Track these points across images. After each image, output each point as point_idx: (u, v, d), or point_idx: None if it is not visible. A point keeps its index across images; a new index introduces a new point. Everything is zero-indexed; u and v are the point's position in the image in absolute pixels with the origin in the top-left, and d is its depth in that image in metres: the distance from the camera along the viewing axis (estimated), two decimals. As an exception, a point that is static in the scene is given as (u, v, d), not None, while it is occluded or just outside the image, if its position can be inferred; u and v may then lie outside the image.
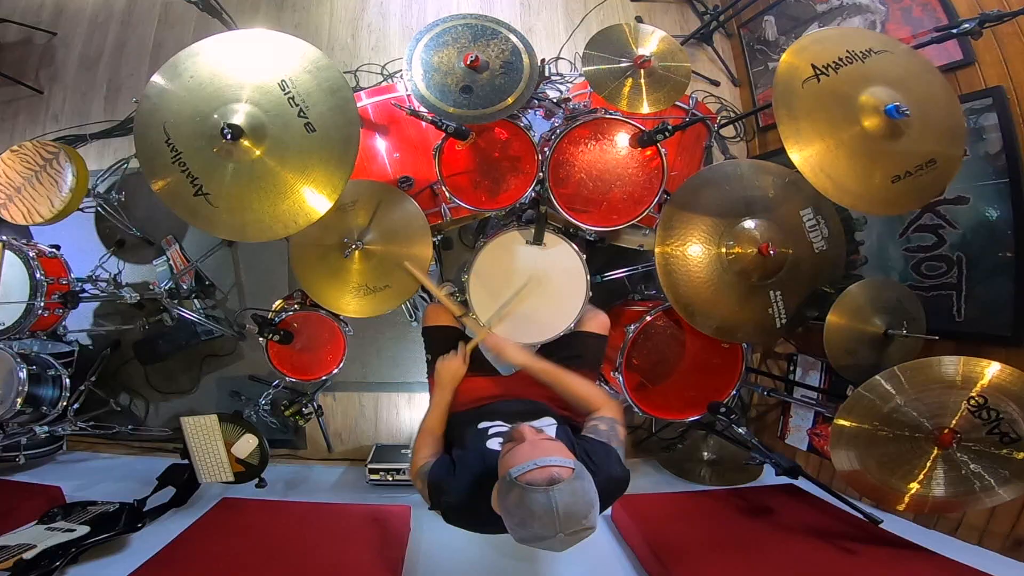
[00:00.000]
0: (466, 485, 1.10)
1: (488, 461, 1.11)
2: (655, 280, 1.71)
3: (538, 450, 0.97)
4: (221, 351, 2.69)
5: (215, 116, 1.34)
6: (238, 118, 1.33)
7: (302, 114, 1.35)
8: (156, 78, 1.36)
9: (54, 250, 2.23)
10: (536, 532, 0.90)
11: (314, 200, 1.36)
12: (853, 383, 1.64)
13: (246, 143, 1.34)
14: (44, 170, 2.09)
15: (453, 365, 1.48)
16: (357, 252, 1.66)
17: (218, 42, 1.38)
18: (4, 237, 2.08)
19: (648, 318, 1.82)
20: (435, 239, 1.76)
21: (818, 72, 1.37)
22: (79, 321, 2.57)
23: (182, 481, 2.12)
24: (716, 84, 2.84)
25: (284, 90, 1.35)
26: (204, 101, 1.35)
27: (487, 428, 1.25)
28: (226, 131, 1.29)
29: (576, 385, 1.36)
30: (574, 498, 0.90)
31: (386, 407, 2.67)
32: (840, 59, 1.38)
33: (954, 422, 1.41)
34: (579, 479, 0.94)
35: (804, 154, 1.34)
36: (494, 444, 1.18)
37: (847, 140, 1.35)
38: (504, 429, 1.22)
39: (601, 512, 1.02)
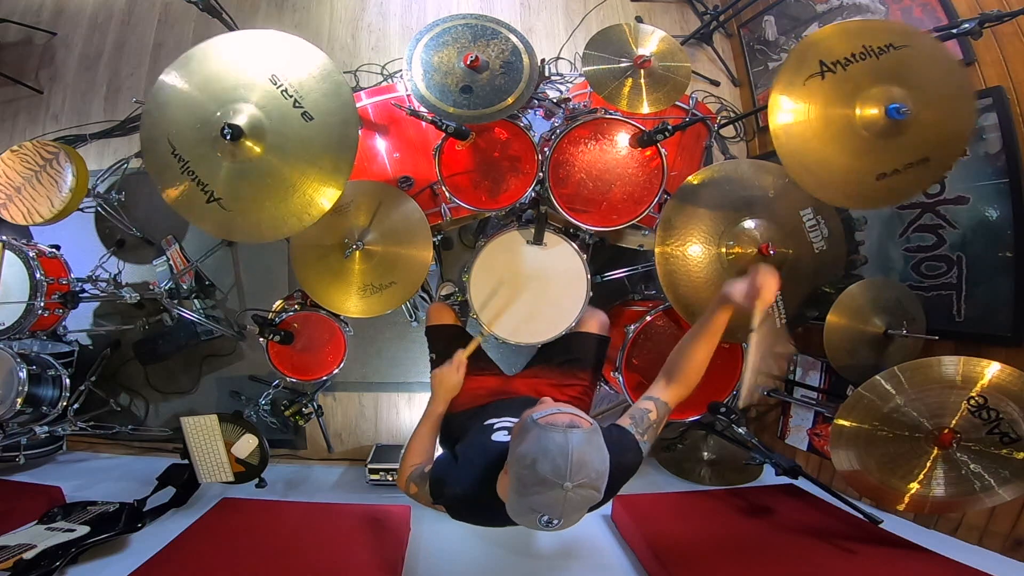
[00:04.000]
0: (470, 476, 1.09)
1: (491, 453, 1.10)
2: (655, 280, 1.71)
3: (562, 405, 1.01)
4: (221, 351, 2.69)
5: (213, 120, 1.34)
6: (236, 118, 1.33)
7: (297, 104, 1.35)
8: (164, 79, 1.36)
9: (54, 250, 2.23)
10: (544, 476, 0.87)
11: (323, 188, 1.37)
12: (853, 383, 1.65)
13: (247, 142, 1.34)
14: (44, 170, 2.09)
15: (446, 374, 1.44)
16: (358, 252, 1.66)
17: (206, 48, 1.38)
18: (4, 237, 2.07)
19: (648, 318, 1.82)
20: (435, 239, 1.76)
21: (824, 69, 1.35)
22: (79, 321, 2.57)
23: (182, 481, 2.12)
24: (716, 84, 2.84)
25: (276, 84, 1.35)
26: (201, 108, 1.36)
27: (493, 423, 1.24)
28: (226, 132, 1.29)
29: (702, 353, 1.22)
30: (589, 447, 0.91)
31: (386, 407, 2.67)
32: (853, 55, 1.35)
33: (954, 422, 1.41)
34: (596, 434, 0.94)
35: (786, 133, 1.34)
36: (499, 436, 1.18)
37: (836, 132, 1.35)
38: (511, 423, 1.22)
39: (611, 498, 1.02)
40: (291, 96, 1.35)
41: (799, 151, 1.36)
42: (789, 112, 1.35)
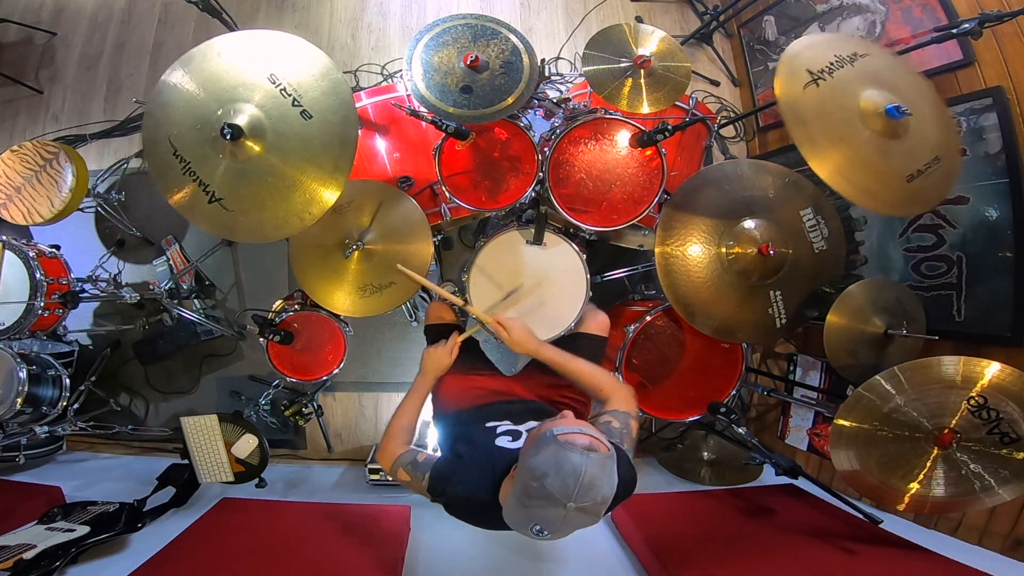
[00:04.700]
0: (475, 479, 1.10)
1: (496, 457, 1.11)
2: (655, 280, 1.71)
3: (584, 425, 1.00)
4: (221, 351, 2.69)
5: (213, 120, 1.34)
6: (235, 117, 1.33)
7: (296, 103, 1.35)
8: (165, 79, 1.37)
9: (54, 250, 2.23)
10: (550, 492, 0.88)
11: (323, 187, 1.36)
12: (853, 383, 1.64)
13: (247, 141, 1.34)
14: (44, 170, 2.09)
15: (438, 353, 1.48)
16: (357, 252, 1.66)
17: (205, 50, 1.38)
18: (4, 237, 2.07)
19: (648, 318, 1.82)
20: (435, 239, 1.76)
21: (815, 77, 1.36)
22: (79, 321, 2.56)
23: (182, 481, 2.12)
24: (716, 84, 2.84)
25: (274, 83, 1.35)
26: (202, 108, 1.36)
27: (495, 427, 1.25)
28: (225, 131, 1.29)
29: (586, 372, 1.34)
30: (602, 472, 0.91)
31: (386, 407, 2.67)
32: (831, 63, 1.38)
33: (954, 422, 1.41)
34: (612, 460, 0.95)
35: (825, 163, 1.33)
36: (503, 442, 1.18)
37: (859, 143, 1.35)
38: (513, 428, 1.23)
39: (607, 513, 1.02)
40: (290, 95, 1.35)
41: (844, 175, 1.34)
42: (824, 155, 1.33)
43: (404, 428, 1.36)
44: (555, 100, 1.74)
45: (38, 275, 2.02)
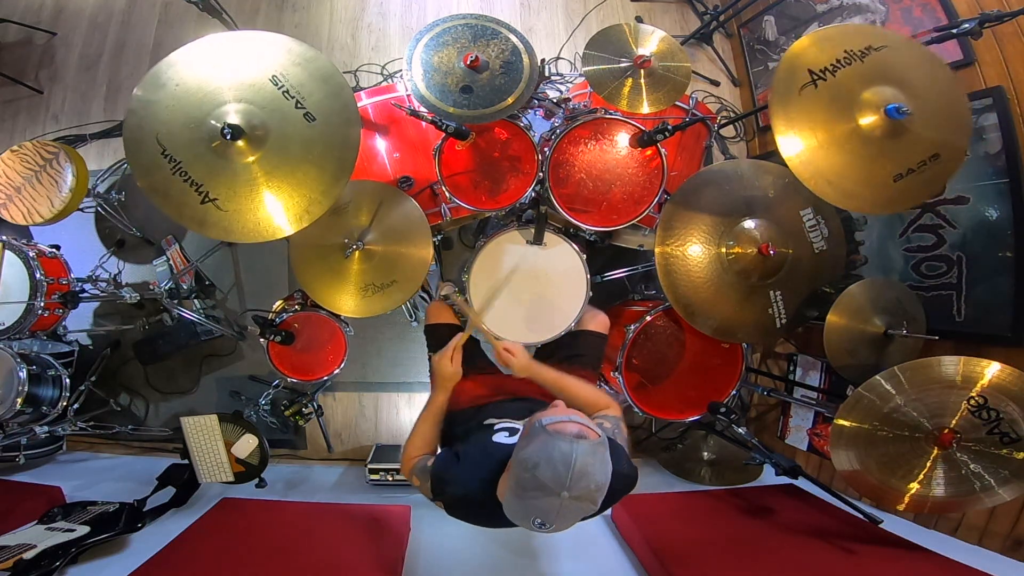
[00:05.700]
0: (471, 476, 1.10)
1: (493, 453, 1.11)
2: (655, 280, 1.71)
3: (573, 413, 1.02)
4: (221, 351, 2.69)
5: (210, 119, 1.33)
6: (235, 117, 1.32)
7: (299, 105, 1.35)
8: (138, 91, 1.34)
9: (54, 250, 2.23)
10: (543, 482, 0.89)
11: (324, 188, 1.36)
12: (853, 383, 1.64)
13: (248, 141, 1.33)
14: (44, 170, 2.09)
15: (439, 363, 1.45)
16: (358, 252, 1.66)
17: (198, 47, 1.37)
18: (4, 237, 2.07)
19: (648, 318, 1.82)
20: (435, 239, 1.76)
21: (816, 78, 1.36)
22: (79, 321, 2.56)
23: (182, 481, 2.12)
24: (716, 84, 2.84)
25: (277, 84, 1.35)
26: (195, 106, 1.34)
27: (493, 424, 1.25)
28: (226, 131, 1.29)
29: (580, 390, 1.36)
30: (593, 459, 0.91)
31: (386, 407, 2.67)
32: (838, 61, 1.37)
33: (954, 422, 1.41)
34: (603, 447, 0.95)
35: (800, 158, 1.34)
36: (500, 437, 1.18)
37: (845, 142, 1.35)
38: (512, 425, 1.23)
39: (606, 509, 1.02)
40: (293, 97, 1.35)
41: (817, 168, 1.35)
42: (796, 139, 1.35)
43: (422, 435, 1.36)
44: (555, 100, 1.75)
45: (38, 275, 2.02)
